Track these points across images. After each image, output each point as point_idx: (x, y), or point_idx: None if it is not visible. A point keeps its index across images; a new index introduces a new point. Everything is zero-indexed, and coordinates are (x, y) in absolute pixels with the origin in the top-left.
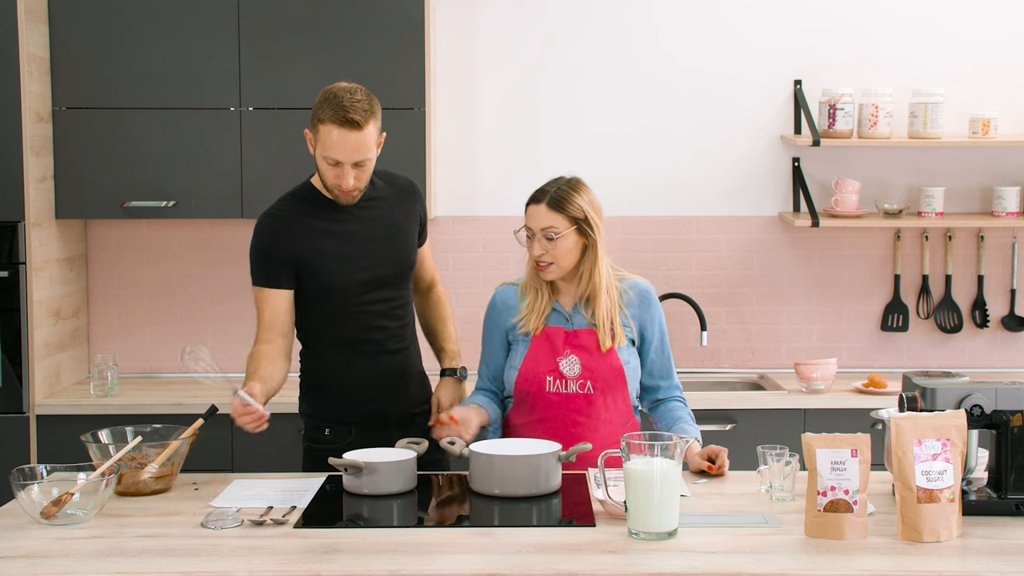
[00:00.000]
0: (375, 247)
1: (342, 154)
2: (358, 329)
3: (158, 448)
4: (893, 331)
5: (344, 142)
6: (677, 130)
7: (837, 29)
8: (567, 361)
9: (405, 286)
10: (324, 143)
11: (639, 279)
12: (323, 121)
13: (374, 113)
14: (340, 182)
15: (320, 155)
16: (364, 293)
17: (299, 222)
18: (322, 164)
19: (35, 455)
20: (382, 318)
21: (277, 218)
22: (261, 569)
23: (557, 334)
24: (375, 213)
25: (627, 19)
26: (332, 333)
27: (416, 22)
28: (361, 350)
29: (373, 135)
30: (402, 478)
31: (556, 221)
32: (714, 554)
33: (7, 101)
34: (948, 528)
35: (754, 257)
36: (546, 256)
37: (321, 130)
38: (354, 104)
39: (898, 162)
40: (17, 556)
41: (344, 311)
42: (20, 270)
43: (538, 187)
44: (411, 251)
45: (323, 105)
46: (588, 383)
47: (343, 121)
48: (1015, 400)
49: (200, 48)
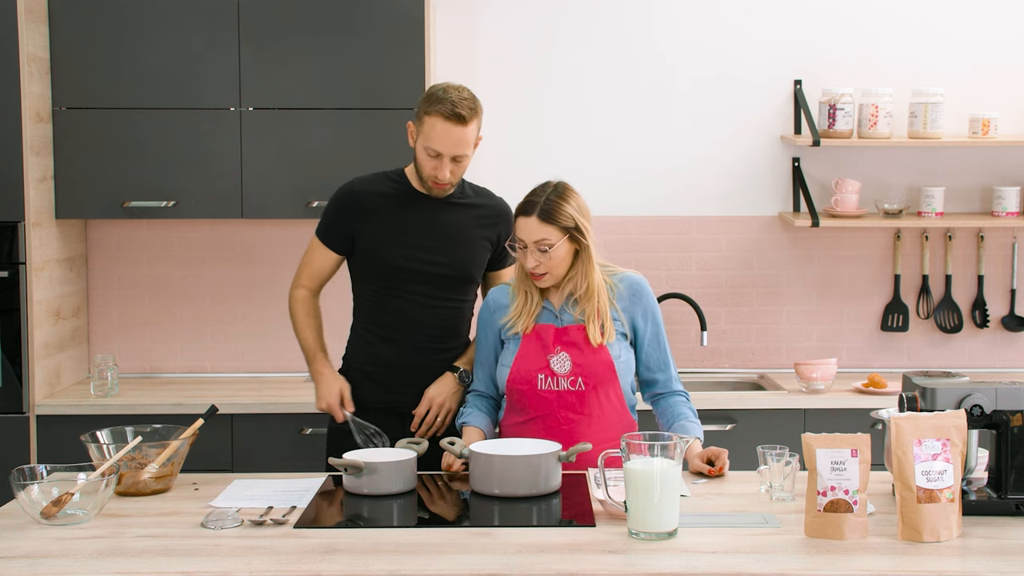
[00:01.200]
0: (432, 243)
1: (444, 146)
2: (392, 315)
3: (158, 448)
4: (893, 331)
5: (447, 135)
6: (677, 130)
7: (837, 29)
8: (557, 358)
9: (454, 292)
10: (427, 134)
11: (630, 272)
12: (430, 113)
13: (478, 113)
14: (437, 173)
15: (421, 146)
16: (404, 281)
17: (372, 198)
18: (422, 155)
19: (35, 455)
20: (419, 311)
21: (354, 189)
22: (261, 569)
23: (547, 331)
24: (448, 215)
25: (627, 19)
26: (367, 311)
27: (416, 22)
28: (391, 336)
29: (474, 132)
30: (402, 478)
31: (548, 233)
32: (714, 554)
33: (7, 101)
34: (948, 528)
35: (754, 257)
36: (540, 267)
37: (426, 122)
38: (462, 101)
39: (898, 162)
40: (17, 556)
41: (384, 291)
42: (20, 270)
43: (525, 198)
44: (469, 263)
45: (431, 99)
46: (579, 379)
47: (450, 115)
48: (1015, 400)
49: (200, 48)
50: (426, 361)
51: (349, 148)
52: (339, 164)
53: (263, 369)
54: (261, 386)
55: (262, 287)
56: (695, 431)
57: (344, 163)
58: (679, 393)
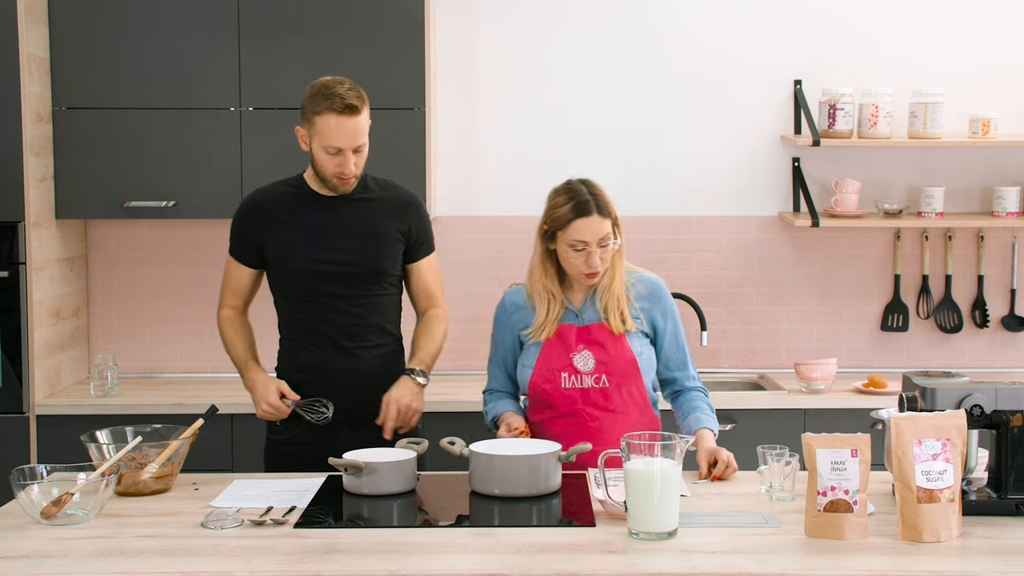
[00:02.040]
0: (336, 242)
1: (343, 140)
2: (308, 319)
3: (158, 448)
4: (893, 331)
5: (343, 128)
6: (677, 130)
7: (837, 29)
8: (581, 356)
9: (367, 288)
10: (323, 133)
11: (648, 273)
12: (319, 112)
13: (364, 99)
14: (343, 169)
15: (318, 146)
16: (314, 284)
17: (271, 207)
18: (321, 156)
19: (35, 455)
20: (333, 312)
21: (254, 201)
22: (261, 569)
23: (569, 331)
24: (351, 212)
25: (627, 20)
26: (286, 319)
27: (416, 22)
28: (311, 341)
29: (367, 119)
30: (402, 478)
31: (608, 227)
32: (714, 554)
33: (7, 101)
34: (948, 528)
35: (754, 257)
36: (603, 264)
37: (318, 122)
38: (348, 92)
39: (898, 162)
40: (17, 556)
41: (297, 296)
42: (20, 270)
43: (568, 201)
44: (379, 257)
45: (316, 98)
46: (603, 376)
47: (342, 108)
48: (1015, 400)
49: (200, 48)
50: (350, 362)
51: None
52: None
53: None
54: None
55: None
56: (708, 423)
57: None
58: (697, 389)
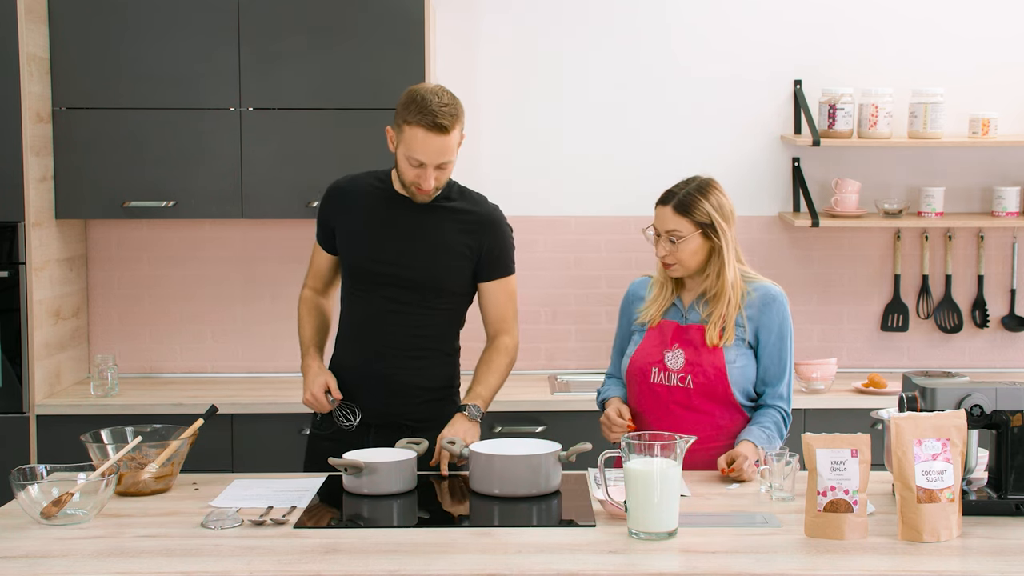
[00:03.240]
0: (402, 245)
1: (426, 156)
2: (360, 317)
3: (158, 448)
4: (893, 331)
5: (429, 145)
6: (677, 130)
7: (837, 28)
8: (673, 354)
9: (422, 299)
10: (409, 144)
11: (769, 283)
12: (410, 123)
13: (459, 117)
14: (421, 182)
15: (403, 154)
16: (371, 283)
17: (351, 196)
18: (403, 163)
19: (35, 455)
20: (384, 315)
21: (337, 186)
22: (261, 569)
23: (669, 327)
24: (425, 218)
25: (626, 20)
26: (343, 312)
27: (416, 23)
28: (358, 339)
29: (457, 137)
30: (402, 478)
31: (680, 225)
32: (714, 554)
33: (7, 101)
34: (948, 528)
35: (754, 257)
36: (669, 257)
37: (406, 131)
38: (442, 109)
39: (898, 162)
40: (17, 556)
41: (354, 290)
42: (20, 270)
43: (669, 187)
44: (439, 270)
45: (410, 107)
46: (688, 377)
47: (431, 125)
48: (1015, 400)
49: (200, 48)
50: (391, 369)
51: (349, 148)
52: (339, 164)
53: (263, 369)
54: (261, 386)
55: (262, 287)
56: (755, 436)
57: (344, 163)
58: (777, 408)
